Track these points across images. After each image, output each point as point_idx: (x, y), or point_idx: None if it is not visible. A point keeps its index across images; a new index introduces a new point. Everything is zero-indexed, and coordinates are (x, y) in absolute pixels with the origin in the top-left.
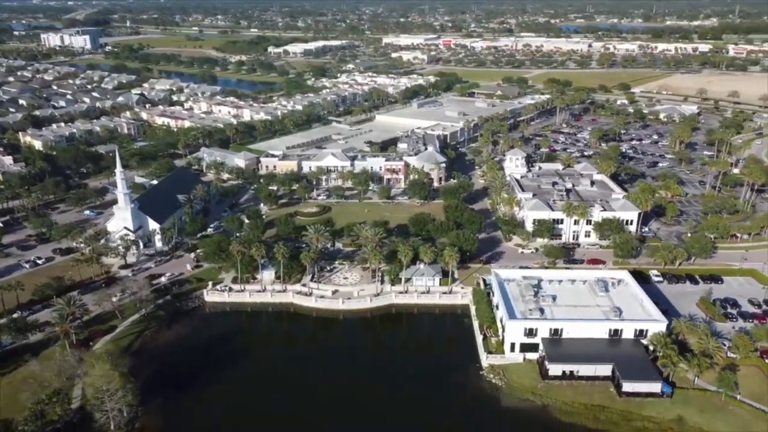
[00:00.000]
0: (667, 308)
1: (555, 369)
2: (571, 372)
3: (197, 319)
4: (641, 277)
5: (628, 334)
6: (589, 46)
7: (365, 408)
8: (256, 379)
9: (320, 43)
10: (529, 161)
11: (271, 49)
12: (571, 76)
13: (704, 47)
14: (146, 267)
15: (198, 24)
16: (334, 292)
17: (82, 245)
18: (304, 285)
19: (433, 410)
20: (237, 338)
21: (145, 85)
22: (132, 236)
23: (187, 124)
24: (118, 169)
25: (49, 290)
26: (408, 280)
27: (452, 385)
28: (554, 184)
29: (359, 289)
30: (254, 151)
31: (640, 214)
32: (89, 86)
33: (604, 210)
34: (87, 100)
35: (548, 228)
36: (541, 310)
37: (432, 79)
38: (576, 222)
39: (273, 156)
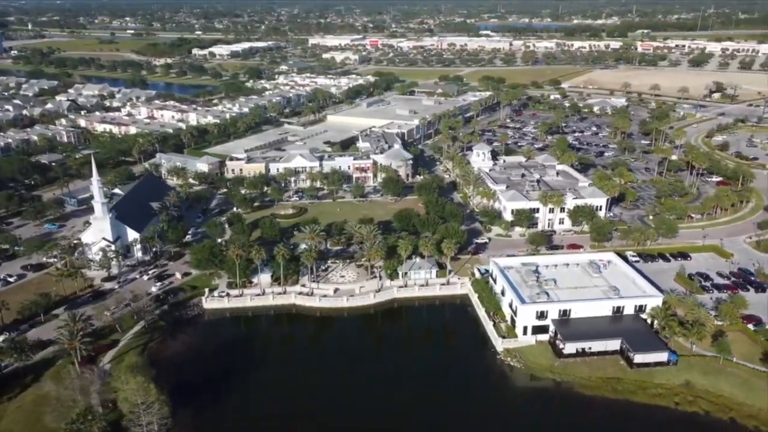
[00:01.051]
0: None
1: (570, 347)
2: (584, 349)
3: (200, 327)
4: (620, 258)
5: (629, 310)
6: (510, 44)
7: (393, 398)
8: (277, 381)
9: (246, 45)
10: (494, 155)
11: (195, 51)
12: (502, 74)
13: (615, 44)
14: (131, 278)
15: (107, 26)
16: (335, 291)
17: (54, 260)
18: (303, 285)
19: (460, 394)
20: (246, 343)
21: (71, 90)
22: (112, 247)
23: (132, 130)
24: (95, 177)
25: (37, 308)
26: (405, 274)
27: (472, 370)
28: (523, 175)
29: (359, 286)
30: (212, 154)
31: (608, 200)
32: (5, 93)
33: (577, 197)
34: (10, 108)
35: (527, 217)
36: (546, 294)
37: (371, 78)
38: (551, 210)
39: (238, 159)
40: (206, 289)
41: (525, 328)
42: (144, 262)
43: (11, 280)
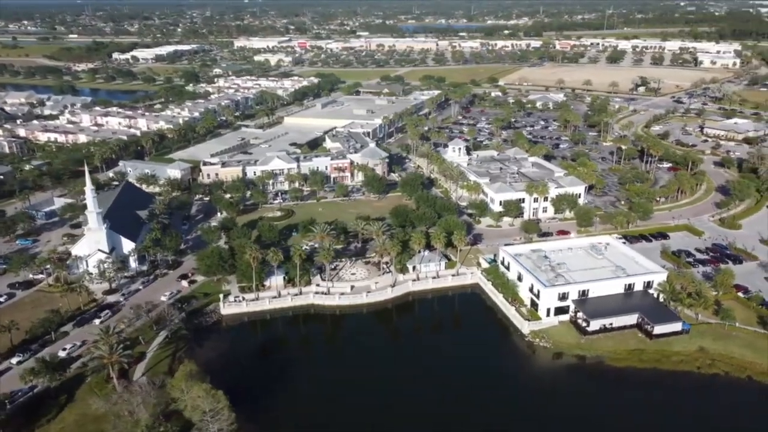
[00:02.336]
0: None
1: (595, 324)
2: (605, 326)
3: (222, 333)
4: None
5: (638, 286)
6: (437, 45)
7: (439, 385)
8: (320, 380)
9: (170, 48)
10: (468, 150)
11: (116, 55)
12: (439, 73)
13: (535, 43)
14: (135, 290)
15: (5, 30)
16: (351, 288)
17: (42, 275)
18: (318, 285)
19: (500, 376)
20: (274, 345)
21: None
22: (108, 259)
23: (82, 138)
24: (89, 186)
25: (50, 325)
26: (414, 268)
27: (505, 353)
28: (501, 168)
29: (374, 282)
30: (178, 160)
31: (586, 187)
32: None
33: (558, 186)
34: None
35: (515, 207)
36: (562, 277)
37: (314, 80)
38: (535, 200)
39: (212, 164)
40: (221, 295)
41: (548, 310)
42: (142, 272)
43: (1, 300)
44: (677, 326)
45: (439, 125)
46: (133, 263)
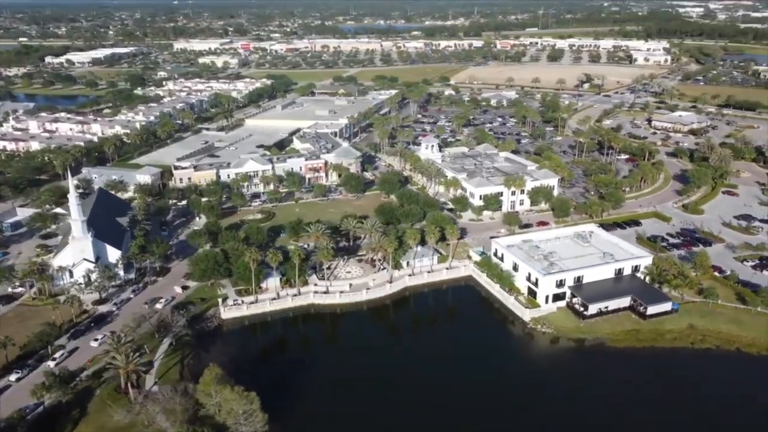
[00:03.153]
0: None
1: (593, 308)
2: (600, 310)
3: (227, 337)
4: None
5: (627, 270)
6: (381, 45)
7: (456, 373)
8: (338, 377)
9: (107, 51)
10: (440, 148)
11: (49, 59)
12: (387, 73)
13: (477, 43)
14: (126, 298)
15: None
16: (350, 286)
17: (22, 289)
18: (316, 285)
19: (508, 361)
20: (283, 346)
21: None
22: (96, 268)
23: (34, 145)
24: (72, 194)
25: (48, 338)
26: (407, 263)
27: (510, 340)
28: (476, 164)
29: (372, 279)
30: (140, 165)
31: (559, 179)
32: None
33: (534, 180)
34: None
35: (495, 201)
36: (555, 264)
37: (267, 81)
38: (513, 193)
39: (184, 168)
40: (220, 300)
41: (546, 297)
42: (130, 280)
43: None
44: (668, 306)
45: (400, 124)
46: (119, 271)
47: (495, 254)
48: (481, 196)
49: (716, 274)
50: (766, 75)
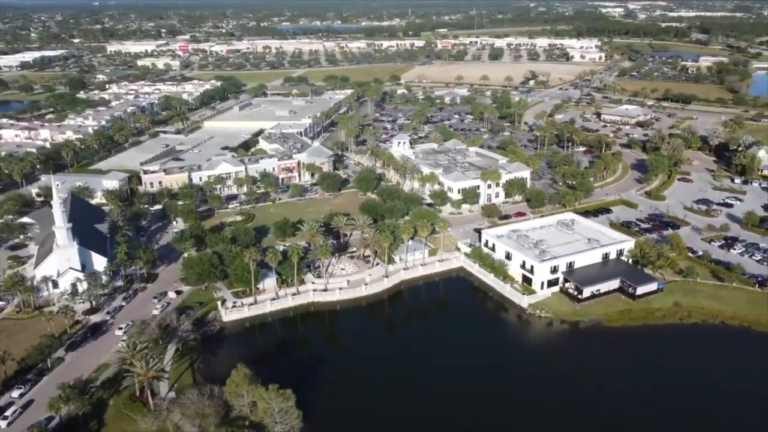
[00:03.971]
0: None
1: (587, 291)
2: (593, 293)
3: (231, 339)
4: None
5: (612, 255)
6: (323, 45)
7: (469, 359)
8: (354, 375)
9: (35, 54)
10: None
11: None
12: (338, 72)
13: (418, 43)
14: (118, 306)
15: None
16: (348, 283)
17: (2, 303)
18: (314, 283)
19: (513, 345)
20: (291, 345)
21: None
22: (84, 277)
23: None
24: (56, 200)
25: (49, 351)
26: (400, 258)
27: (511, 326)
28: (449, 159)
29: (368, 275)
30: (103, 171)
31: (531, 172)
32: None
33: (508, 173)
34: None
35: (473, 194)
36: (545, 252)
37: (217, 83)
38: (489, 186)
39: (153, 172)
40: (219, 302)
41: (542, 283)
42: (118, 288)
43: None
44: (654, 286)
45: (361, 123)
46: (103, 278)
47: (485, 245)
48: (459, 190)
49: (689, 254)
50: (693, 70)
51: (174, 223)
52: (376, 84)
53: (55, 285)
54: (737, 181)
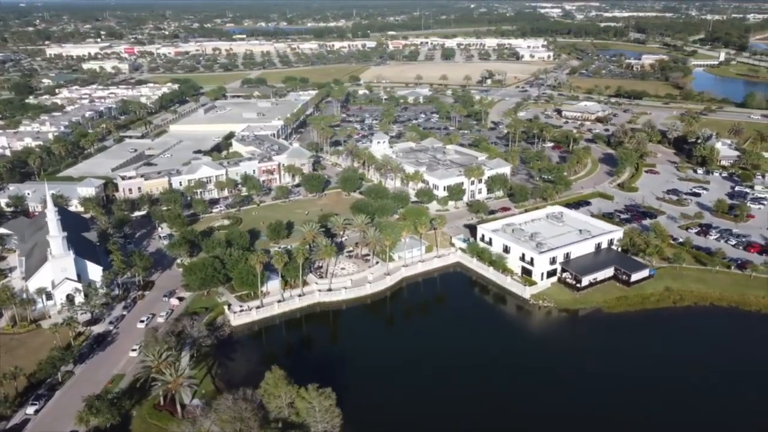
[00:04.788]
0: None
1: (586, 280)
2: (590, 281)
3: (243, 343)
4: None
5: (604, 244)
6: (274, 47)
7: (482, 349)
8: (375, 368)
9: None
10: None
11: None
12: (294, 73)
13: (370, 43)
14: (120, 316)
15: None
16: (351, 282)
17: None
18: (316, 283)
19: (521, 335)
20: (304, 346)
21: None
22: (81, 287)
23: None
24: (50, 208)
25: (61, 364)
26: (398, 256)
27: (517, 316)
28: (431, 157)
29: (369, 273)
30: (70, 179)
31: (511, 167)
32: None
33: (489, 169)
34: None
35: (459, 191)
36: (541, 244)
37: (174, 86)
38: (472, 182)
39: (131, 178)
40: (225, 307)
41: (542, 274)
42: (116, 297)
43: None
44: (646, 273)
45: (330, 124)
46: (103, 288)
47: (482, 239)
48: (445, 187)
49: (671, 242)
50: (638, 68)
51: (159, 229)
52: (336, 85)
53: (49, 297)
54: (700, 171)
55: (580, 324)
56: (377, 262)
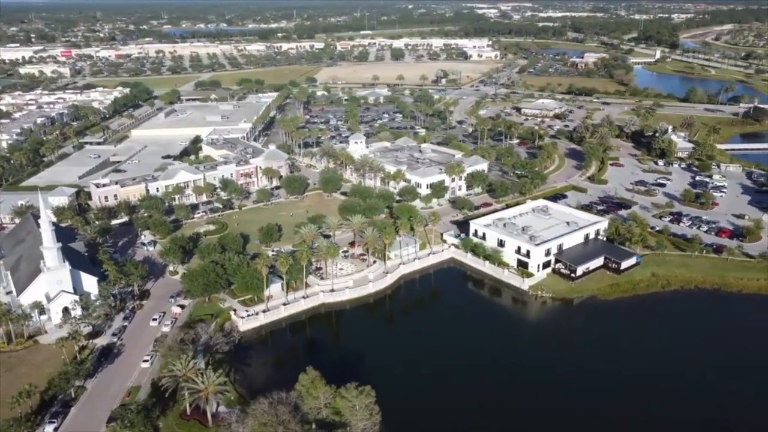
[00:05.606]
0: None
1: (580, 270)
2: (584, 271)
3: (255, 347)
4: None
5: (592, 235)
6: (219, 48)
7: (489, 342)
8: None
9: None
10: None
11: None
12: (247, 75)
13: (318, 44)
14: (122, 327)
15: None
16: (353, 282)
17: None
18: (318, 284)
19: (525, 324)
20: (319, 346)
21: None
22: (78, 300)
23: None
24: (45, 219)
25: (74, 379)
26: (394, 254)
27: (519, 307)
28: (409, 156)
29: (368, 272)
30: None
31: (488, 164)
32: None
33: (470, 166)
34: None
35: (442, 188)
36: (534, 236)
37: (125, 90)
38: (453, 180)
39: (105, 185)
40: (232, 313)
41: (538, 266)
42: (113, 307)
43: None
44: (633, 260)
45: (296, 125)
46: (106, 299)
47: (474, 234)
48: (428, 185)
49: (649, 230)
50: (582, 66)
51: (142, 237)
52: (293, 86)
53: (42, 311)
54: (661, 163)
55: (579, 312)
56: (375, 261)
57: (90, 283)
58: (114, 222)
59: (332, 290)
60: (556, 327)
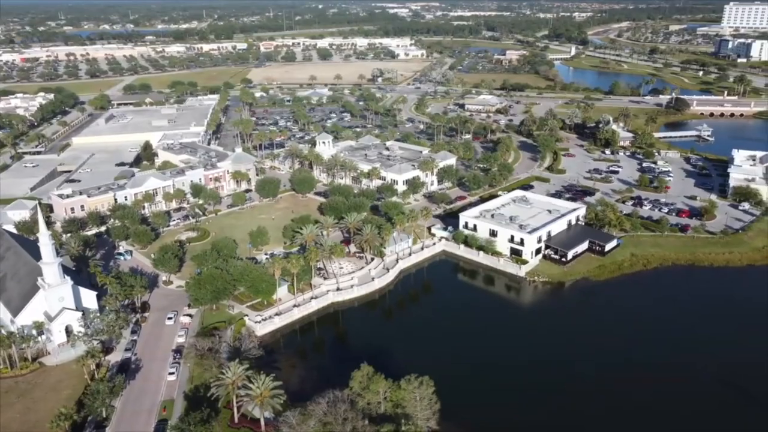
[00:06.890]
0: None
1: (570, 254)
2: (573, 255)
3: (278, 350)
4: (494, 196)
5: (573, 221)
6: (135, 50)
7: (488, 327)
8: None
9: None
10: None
11: None
12: (175, 78)
13: (241, 45)
14: (132, 341)
15: None
16: (357, 280)
17: None
18: (322, 284)
19: (527, 308)
20: (340, 344)
21: None
22: (83, 316)
23: None
24: (44, 233)
25: (106, 398)
26: (389, 250)
27: (519, 293)
28: (379, 154)
29: (369, 269)
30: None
31: (456, 159)
32: None
33: (441, 161)
34: None
35: (418, 184)
36: (522, 225)
37: (50, 96)
38: (426, 175)
39: (69, 197)
40: (246, 318)
41: (531, 252)
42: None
43: None
44: (614, 242)
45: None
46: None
47: (465, 226)
48: (404, 181)
49: (619, 213)
50: (506, 63)
51: (120, 248)
52: (228, 87)
53: (41, 331)
54: (608, 152)
55: (574, 291)
56: (372, 259)
57: (89, 298)
58: (83, 234)
59: (338, 289)
60: (560, 307)
